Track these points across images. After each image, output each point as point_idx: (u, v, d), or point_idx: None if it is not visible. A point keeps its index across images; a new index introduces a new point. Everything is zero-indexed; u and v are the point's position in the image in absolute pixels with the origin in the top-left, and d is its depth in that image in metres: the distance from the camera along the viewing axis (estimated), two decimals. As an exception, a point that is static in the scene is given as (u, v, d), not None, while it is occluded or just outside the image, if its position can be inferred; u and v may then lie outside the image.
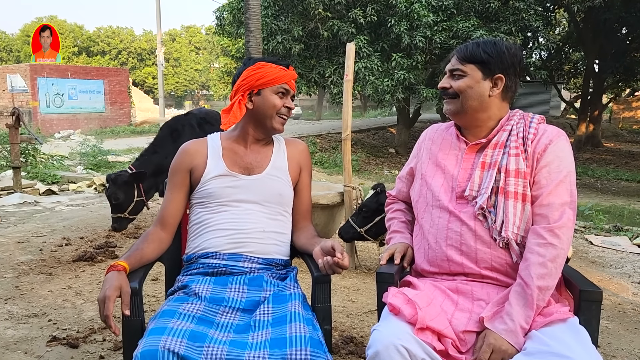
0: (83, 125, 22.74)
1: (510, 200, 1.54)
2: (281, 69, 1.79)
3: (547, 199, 1.52)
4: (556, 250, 1.47)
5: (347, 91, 4.06)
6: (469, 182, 1.62)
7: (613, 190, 12.68)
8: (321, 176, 11.26)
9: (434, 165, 1.73)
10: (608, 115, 30.38)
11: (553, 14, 20.09)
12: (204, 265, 1.74)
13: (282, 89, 1.80)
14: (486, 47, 1.61)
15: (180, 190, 1.83)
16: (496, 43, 1.62)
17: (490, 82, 1.62)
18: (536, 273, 1.46)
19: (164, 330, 1.40)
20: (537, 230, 1.50)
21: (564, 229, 1.49)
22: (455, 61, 1.66)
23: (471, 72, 1.62)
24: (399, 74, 12.43)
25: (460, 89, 1.63)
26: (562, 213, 1.50)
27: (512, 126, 1.63)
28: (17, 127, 7.00)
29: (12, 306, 3.16)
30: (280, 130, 1.84)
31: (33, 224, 5.48)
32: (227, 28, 15.41)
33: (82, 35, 44.37)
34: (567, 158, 1.57)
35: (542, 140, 1.58)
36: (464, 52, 1.64)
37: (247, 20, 6.12)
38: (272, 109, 1.79)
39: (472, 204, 1.59)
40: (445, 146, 1.74)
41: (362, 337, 2.79)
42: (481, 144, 1.66)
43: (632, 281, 4.71)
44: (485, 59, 1.60)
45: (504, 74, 1.61)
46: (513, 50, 1.63)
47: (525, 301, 1.45)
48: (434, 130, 1.84)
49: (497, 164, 1.58)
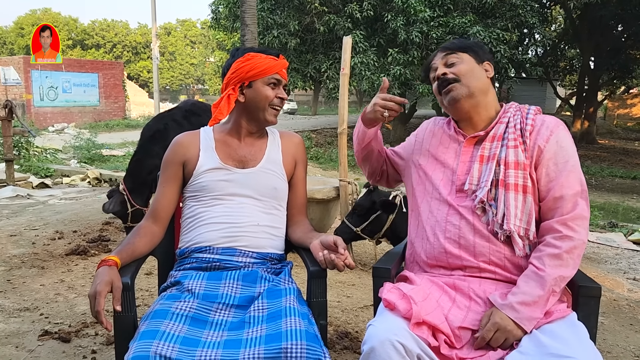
0: (77, 118, 22.63)
1: (511, 193, 1.53)
2: (271, 59, 1.75)
3: (560, 192, 1.50)
4: (573, 242, 1.45)
5: (343, 85, 4.03)
6: (467, 175, 1.60)
7: (607, 187, 12.74)
8: (317, 171, 11.25)
9: (433, 158, 1.72)
10: (603, 112, 30.51)
11: (549, 10, 20.14)
12: (197, 259, 1.71)
13: (273, 79, 1.76)
14: (467, 40, 1.71)
15: (173, 183, 1.80)
16: (469, 39, 1.73)
17: (483, 68, 1.66)
18: (550, 262, 1.44)
19: (155, 333, 1.37)
20: (551, 224, 1.49)
21: (579, 220, 1.47)
22: (446, 53, 1.69)
23: (466, 58, 1.66)
24: (395, 69, 12.43)
25: (461, 71, 1.63)
26: (575, 204, 1.49)
27: (508, 118, 1.63)
28: (9, 119, 6.94)
29: (4, 300, 3.12)
30: (273, 122, 1.80)
31: (26, 217, 5.44)
32: (222, 22, 15.37)
33: (77, 28, 44.13)
34: (570, 147, 1.56)
35: (543, 132, 1.56)
36: (452, 45, 1.70)
37: (243, 13, 6.08)
38: (265, 101, 1.75)
39: (471, 198, 1.58)
40: (445, 140, 1.73)
41: (357, 333, 2.78)
42: (479, 137, 1.65)
43: (627, 277, 4.72)
44: (474, 46, 1.68)
45: (490, 62, 1.69)
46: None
47: (536, 283, 1.43)
48: (435, 122, 1.82)
49: (496, 156, 1.57)
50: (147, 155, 4.10)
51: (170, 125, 4.17)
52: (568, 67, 24.17)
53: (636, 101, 30.86)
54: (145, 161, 4.10)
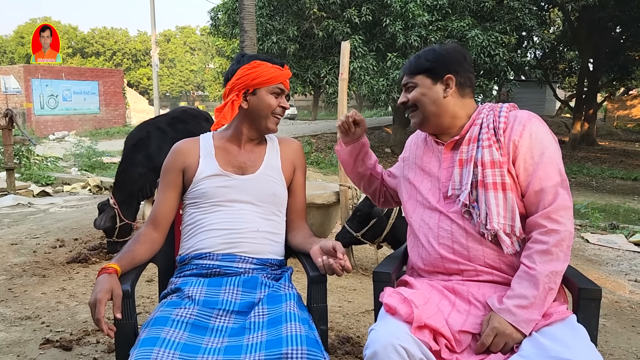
0: (77, 126, 22.66)
1: (491, 192, 1.53)
2: (277, 69, 1.77)
3: (539, 184, 1.50)
4: (559, 235, 1.45)
5: (342, 90, 4.04)
6: (450, 181, 1.62)
7: (608, 188, 12.72)
8: (317, 176, 11.24)
9: (420, 170, 1.75)
10: (603, 113, 30.52)
11: (547, 13, 20.18)
12: (197, 266, 1.71)
13: (277, 88, 1.78)
14: (427, 55, 1.68)
15: (172, 190, 1.80)
16: (435, 49, 1.69)
17: (443, 85, 1.65)
18: (539, 259, 1.44)
19: (156, 340, 1.38)
20: (536, 219, 1.48)
21: (562, 210, 1.47)
22: (406, 76, 1.72)
23: (421, 81, 1.67)
24: (394, 73, 12.44)
25: (415, 98, 1.68)
26: (556, 195, 1.48)
27: (482, 119, 1.63)
28: (10, 128, 6.95)
29: (5, 309, 3.12)
30: (274, 130, 1.82)
31: (27, 225, 5.44)
32: (221, 28, 15.39)
33: (77, 37, 44.25)
34: (545, 138, 1.56)
35: (515, 127, 1.57)
36: (410, 66, 1.71)
37: (242, 20, 6.10)
38: (268, 109, 1.77)
39: (457, 202, 1.59)
40: (427, 150, 1.76)
41: (358, 337, 2.77)
42: (455, 142, 1.67)
43: (628, 279, 4.71)
44: (429, 66, 1.66)
45: (453, 73, 1.65)
46: (452, 49, 1.70)
47: (529, 283, 1.43)
48: (417, 135, 1.86)
49: (473, 158, 1.58)
50: (131, 164, 4.09)
51: (152, 133, 4.14)
52: (567, 69, 24.18)
53: (636, 102, 30.87)
54: (129, 171, 4.09)
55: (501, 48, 12.19)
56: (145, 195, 4.22)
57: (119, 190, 4.11)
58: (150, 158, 4.02)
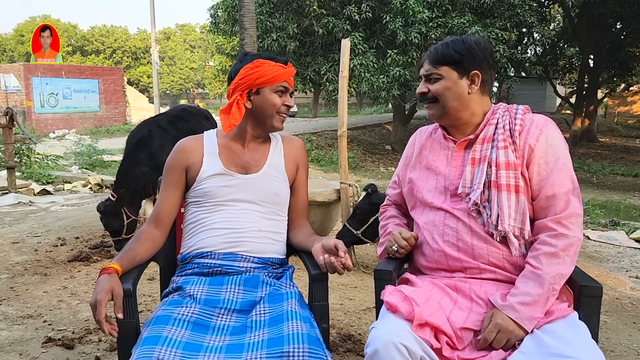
0: (78, 124, 22.63)
1: (504, 193, 1.53)
2: (280, 67, 1.76)
3: (552, 190, 1.51)
4: (568, 240, 1.46)
5: (342, 88, 4.04)
6: (460, 179, 1.61)
7: (609, 185, 12.72)
8: (318, 174, 11.24)
9: (425, 169, 1.73)
10: (603, 110, 30.47)
11: (548, 9, 20.13)
12: (199, 265, 1.71)
13: (281, 87, 1.76)
14: (456, 46, 1.61)
15: (175, 188, 1.80)
16: (464, 40, 1.62)
17: (468, 80, 1.62)
18: (546, 260, 1.45)
19: (157, 339, 1.38)
20: (546, 223, 1.49)
21: (572, 217, 1.48)
22: (429, 65, 1.65)
23: (446, 73, 1.61)
24: (395, 70, 12.43)
25: (438, 92, 1.62)
26: (568, 202, 1.49)
27: (497, 119, 1.63)
28: (10, 127, 6.96)
29: (7, 307, 3.13)
30: (280, 128, 1.81)
31: (28, 224, 5.45)
32: (221, 26, 15.36)
33: (76, 35, 44.19)
34: (560, 145, 1.56)
35: (532, 131, 1.57)
36: (435, 55, 1.63)
37: (242, 17, 6.09)
38: (272, 108, 1.76)
39: (466, 201, 1.59)
40: (435, 148, 1.74)
41: (360, 335, 2.78)
42: (469, 140, 1.65)
43: (629, 275, 4.72)
44: (458, 59, 1.60)
45: (479, 70, 1.61)
46: (482, 44, 1.63)
47: (535, 282, 1.44)
48: (421, 134, 1.83)
49: (487, 158, 1.57)
50: (134, 163, 4.10)
51: (154, 131, 4.15)
52: (567, 65, 24.14)
53: (636, 98, 30.80)
54: (133, 169, 4.10)
55: (501, 45, 12.17)
56: (148, 194, 4.23)
57: (122, 189, 4.11)
58: (153, 156, 4.04)
